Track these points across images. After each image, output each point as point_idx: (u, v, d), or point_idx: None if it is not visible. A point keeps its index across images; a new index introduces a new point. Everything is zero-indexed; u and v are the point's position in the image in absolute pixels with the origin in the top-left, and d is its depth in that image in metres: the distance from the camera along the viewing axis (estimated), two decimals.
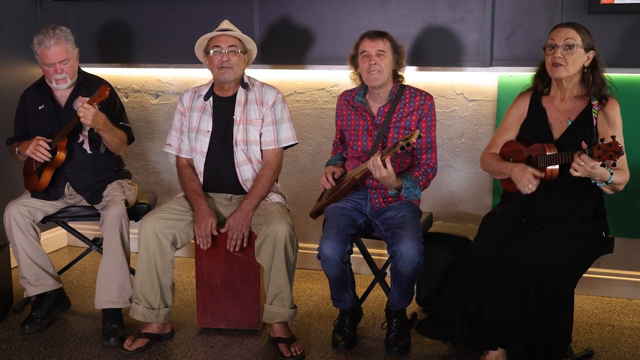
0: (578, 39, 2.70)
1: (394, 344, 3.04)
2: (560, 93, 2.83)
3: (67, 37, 3.29)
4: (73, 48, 3.33)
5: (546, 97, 2.87)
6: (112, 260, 3.19)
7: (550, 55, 2.75)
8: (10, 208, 3.26)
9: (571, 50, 2.70)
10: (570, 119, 2.78)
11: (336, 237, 2.94)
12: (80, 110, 3.09)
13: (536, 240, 2.67)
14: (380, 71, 3.02)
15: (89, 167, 3.36)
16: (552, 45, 2.74)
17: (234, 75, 3.14)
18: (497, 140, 2.96)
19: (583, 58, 2.74)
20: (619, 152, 2.37)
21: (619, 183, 2.62)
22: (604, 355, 3.05)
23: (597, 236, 2.78)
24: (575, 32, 2.71)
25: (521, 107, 2.92)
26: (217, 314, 3.26)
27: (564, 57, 2.71)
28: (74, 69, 3.35)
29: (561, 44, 2.71)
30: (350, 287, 3.09)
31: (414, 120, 3.09)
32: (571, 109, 2.79)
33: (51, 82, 3.33)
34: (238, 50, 3.13)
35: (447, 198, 3.87)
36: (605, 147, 2.40)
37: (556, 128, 2.80)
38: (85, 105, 3.10)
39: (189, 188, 3.22)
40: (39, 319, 3.28)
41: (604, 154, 2.40)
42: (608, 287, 3.67)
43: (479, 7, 3.54)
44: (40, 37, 3.25)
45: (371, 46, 3.03)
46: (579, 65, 2.74)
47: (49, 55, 3.24)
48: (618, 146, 2.37)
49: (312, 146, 4.04)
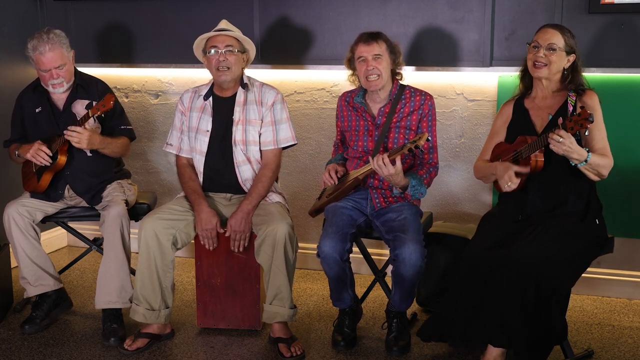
0: (561, 42, 2.80)
1: (394, 344, 3.04)
2: (541, 91, 2.91)
3: (61, 42, 3.24)
4: (68, 51, 3.29)
5: (528, 99, 2.96)
6: (113, 260, 3.18)
7: (532, 54, 2.84)
8: (10, 208, 3.25)
9: (553, 52, 2.80)
10: (551, 113, 2.85)
11: (336, 235, 2.94)
12: (73, 137, 3.08)
13: (533, 239, 2.69)
14: (379, 74, 3.03)
15: (88, 169, 3.36)
16: (535, 45, 2.83)
17: (231, 75, 3.14)
18: (488, 147, 3.04)
19: (564, 60, 2.83)
20: (588, 117, 2.43)
21: (598, 165, 2.67)
22: (604, 355, 3.05)
23: (593, 232, 2.79)
24: (560, 36, 2.81)
25: (505, 113, 3.01)
26: (217, 314, 3.26)
27: (546, 56, 2.80)
28: (70, 73, 3.32)
29: (544, 45, 2.80)
30: (349, 286, 3.09)
31: (414, 120, 3.09)
32: (551, 105, 2.87)
33: (48, 87, 3.30)
34: (235, 49, 3.13)
35: (447, 198, 3.87)
36: (576, 118, 2.48)
37: (538, 124, 2.87)
38: (76, 128, 3.08)
39: (189, 188, 3.22)
40: (38, 319, 3.28)
41: (575, 124, 2.48)
42: (608, 287, 3.67)
43: (478, 7, 3.54)
44: (34, 42, 3.20)
45: (367, 51, 3.03)
46: (559, 66, 2.83)
47: (44, 62, 3.20)
48: (587, 112, 2.44)
49: (312, 146, 4.04)
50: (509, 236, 2.74)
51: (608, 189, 3.26)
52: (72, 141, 3.10)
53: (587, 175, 2.70)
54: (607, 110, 2.84)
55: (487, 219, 2.95)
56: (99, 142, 3.20)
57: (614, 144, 2.82)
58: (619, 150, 3.02)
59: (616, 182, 3.36)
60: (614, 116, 3.19)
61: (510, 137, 2.94)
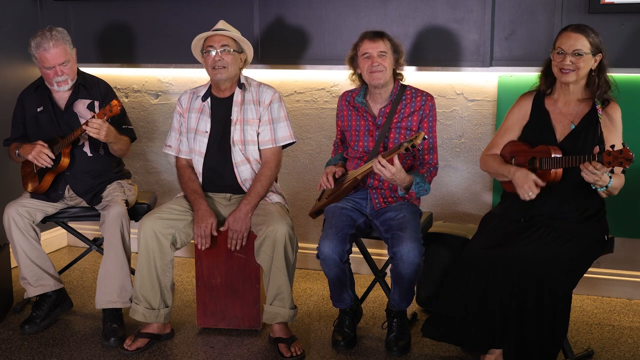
0: (586, 46, 2.70)
1: (394, 344, 3.04)
2: (564, 96, 2.83)
3: (64, 38, 3.26)
4: (71, 49, 3.30)
5: (549, 99, 2.86)
6: (113, 260, 3.18)
7: (558, 61, 2.74)
8: (10, 209, 3.25)
9: (580, 57, 2.70)
10: (574, 122, 2.77)
11: (335, 236, 2.94)
12: (92, 128, 3.08)
13: (535, 240, 2.68)
14: (383, 70, 3.03)
15: (89, 170, 3.36)
16: (560, 51, 2.73)
17: (227, 74, 3.14)
18: (498, 141, 2.95)
19: (591, 62, 2.74)
20: (630, 159, 2.36)
21: (615, 188, 2.64)
22: (604, 355, 3.05)
23: (596, 235, 2.78)
24: (584, 39, 2.70)
25: (524, 108, 2.91)
26: (217, 314, 3.26)
27: (573, 63, 2.71)
28: (74, 70, 3.33)
29: (570, 51, 2.70)
30: (349, 287, 3.09)
31: (415, 120, 3.09)
32: (574, 113, 2.79)
33: (52, 85, 3.30)
34: (231, 49, 3.13)
35: (447, 198, 3.87)
36: (616, 154, 2.39)
37: (559, 131, 2.80)
38: (96, 122, 3.09)
39: (189, 188, 3.22)
40: (38, 320, 3.28)
41: (614, 160, 2.40)
42: (608, 287, 3.67)
43: (479, 7, 3.54)
44: (38, 39, 3.21)
45: (372, 47, 3.03)
46: (587, 69, 2.74)
47: (48, 58, 3.21)
48: (629, 154, 2.36)
49: (312, 146, 4.04)
50: (510, 236, 2.73)
51: None
52: (91, 132, 3.10)
53: (600, 195, 2.67)
54: None
55: (489, 218, 2.94)
56: (113, 136, 3.21)
57: None
58: None
59: None
60: None
61: (526, 136, 2.87)
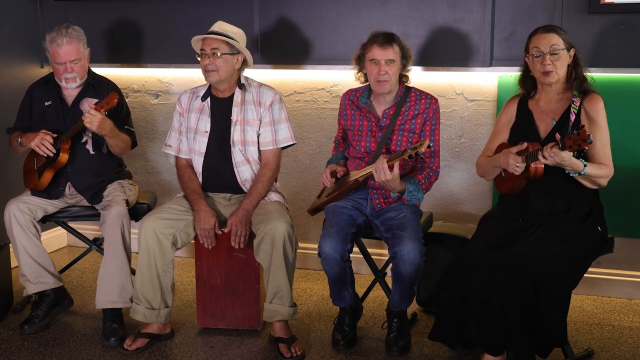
0: (560, 42, 2.78)
1: (394, 344, 3.04)
2: (546, 95, 2.89)
3: (79, 37, 3.30)
4: (84, 48, 3.34)
5: (532, 100, 2.93)
6: (113, 260, 3.18)
7: (538, 63, 2.79)
8: (11, 205, 3.26)
9: (557, 55, 2.77)
10: (555, 119, 2.83)
11: (336, 235, 2.94)
12: (86, 116, 3.10)
13: (534, 240, 2.68)
14: (389, 80, 3.02)
15: (90, 167, 3.37)
16: (538, 53, 2.79)
17: (217, 77, 3.14)
18: (490, 146, 3.02)
19: (567, 58, 2.80)
20: (586, 139, 2.41)
21: (596, 176, 2.67)
22: (604, 355, 3.05)
23: (594, 234, 2.79)
24: (557, 36, 2.78)
25: (510, 111, 2.99)
26: (217, 314, 3.26)
27: (552, 62, 2.77)
28: (84, 69, 3.36)
29: (547, 50, 2.77)
30: (349, 285, 3.09)
31: (418, 123, 3.09)
32: (555, 109, 2.85)
33: (60, 81, 3.34)
34: (219, 52, 3.11)
35: (447, 198, 3.87)
36: (575, 137, 2.46)
37: (542, 129, 2.85)
38: (91, 111, 3.11)
39: (189, 188, 3.22)
40: (37, 319, 3.27)
41: (574, 143, 2.46)
42: (608, 287, 3.67)
43: (479, 7, 3.54)
44: (53, 35, 3.26)
45: (381, 55, 3.01)
46: (565, 66, 2.81)
47: (60, 54, 3.25)
48: (585, 134, 2.41)
49: (312, 146, 4.04)
50: (509, 236, 2.74)
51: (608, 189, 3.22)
52: (84, 120, 3.11)
53: (584, 184, 2.70)
54: (607, 110, 2.83)
55: (487, 219, 2.95)
56: (108, 129, 3.21)
57: (613, 143, 2.81)
58: (619, 150, 3.01)
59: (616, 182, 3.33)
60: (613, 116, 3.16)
61: (513, 138, 2.93)
